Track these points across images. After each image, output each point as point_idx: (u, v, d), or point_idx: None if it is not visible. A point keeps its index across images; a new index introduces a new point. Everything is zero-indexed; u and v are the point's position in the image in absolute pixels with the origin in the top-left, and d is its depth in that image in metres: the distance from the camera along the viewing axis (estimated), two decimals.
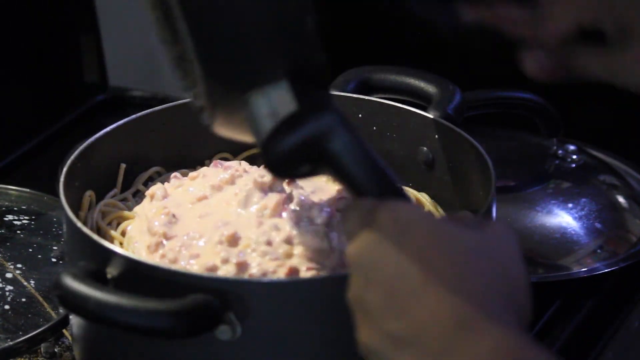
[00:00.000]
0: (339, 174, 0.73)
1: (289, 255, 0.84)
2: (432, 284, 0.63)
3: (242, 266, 0.84)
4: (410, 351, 0.63)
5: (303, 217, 0.87)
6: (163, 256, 0.86)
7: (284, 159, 0.73)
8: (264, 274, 0.83)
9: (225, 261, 0.84)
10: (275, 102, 0.74)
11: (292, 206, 0.89)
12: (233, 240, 0.86)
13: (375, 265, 0.65)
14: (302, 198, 0.90)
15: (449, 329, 0.62)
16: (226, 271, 0.83)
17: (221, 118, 0.78)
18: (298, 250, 0.85)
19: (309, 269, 0.83)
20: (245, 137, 0.80)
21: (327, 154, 0.72)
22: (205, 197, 0.93)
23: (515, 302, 0.65)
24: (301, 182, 0.93)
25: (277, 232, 0.86)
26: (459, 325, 0.61)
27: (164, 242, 0.88)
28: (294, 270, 0.83)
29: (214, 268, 0.84)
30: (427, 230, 0.66)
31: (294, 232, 0.86)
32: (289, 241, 0.85)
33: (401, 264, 0.64)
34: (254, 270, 0.83)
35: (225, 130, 0.80)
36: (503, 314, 0.63)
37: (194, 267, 0.84)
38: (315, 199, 0.92)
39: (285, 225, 0.87)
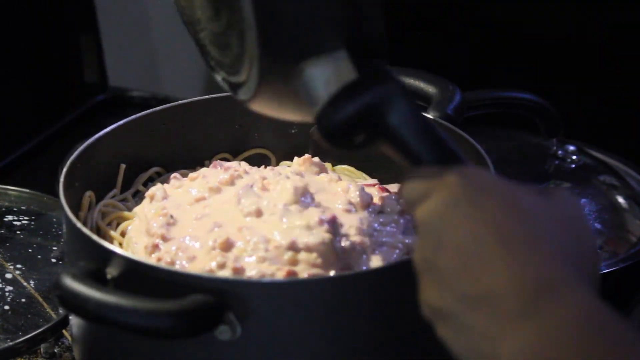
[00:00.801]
0: (397, 145, 0.72)
1: (293, 262, 0.84)
2: (510, 248, 0.62)
3: (238, 271, 0.83)
4: (486, 311, 0.62)
5: (306, 222, 0.87)
6: (159, 259, 0.86)
7: (342, 127, 0.72)
8: (262, 277, 0.83)
9: (222, 266, 0.84)
10: (334, 70, 0.73)
11: (294, 209, 0.88)
12: (227, 246, 0.85)
13: (449, 227, 0.65)
14: (305, 200, 0.90)
15: (528, 292, 0.61)
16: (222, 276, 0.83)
17: (266, 91, 0.77)
18: (301, 256, 0.84)
19: (310, 275, 0.83)
20: (285, 113, 0.79)
21: (385, 123, 0.72)
22: (203, 198, 0.93)
23: (587, 267, 0.65)
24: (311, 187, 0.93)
25: (280, 238, 0.85)
26: (540, 289, 0.61)
27: (161, 244, 0.87)
28: (292, 274, 0.83)
29: (210, 272, 0.83)
30: (501, 195, 0.65)
31: (298, 238, 0.85)
32: (292, 247, 0.85)
33: (477, 227, 0.64)
34: (252, 273, 0.83)
35: (265, 105, 0.79)
36: (578, 278, 0.63)
37: (190, 271, 0.84)
38: (320, 198, 0.91)
39: (288, 230, 0.86)
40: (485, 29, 1.37)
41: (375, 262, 0.86)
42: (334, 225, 0.86)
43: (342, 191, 0.94)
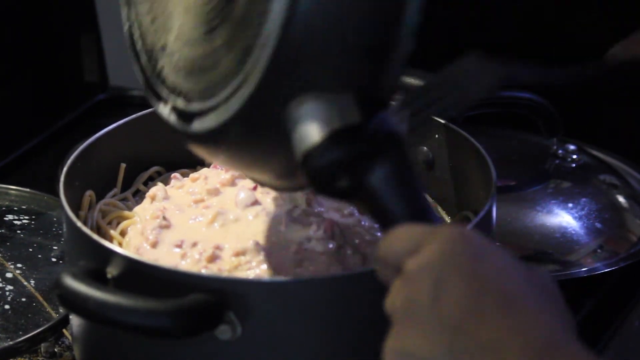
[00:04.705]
0: (376, 201, 0.69)
1: (297, 267, 0.84)
2: (511, 307, 0.61)
3: None
4: None
5: (306, 233, 0.87)
6: None
7: (332, 168, 0.69)
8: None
9: None
10: (339, 109, 0.69)
11: (296, 218, 0.89)
12: (213, 258, 0.85)
13: (449, 279, 0.62)
14: (304, 208, 0.90)
15: (534, 349, 0.60)
16: None
17: (244, 119, 0.72)
18: (305, 263, 0.85)
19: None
20: (250, 151, 0.76)
21: (369, 178, 0.69)
22: (202, 201, 0.93)
23: (573, 332, 0.63)
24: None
25: (282, 244, 0.86)
26: (544, 347, 0.60)
27: (145, 251, 0.87)
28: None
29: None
30: (496, 255, 0.64)
31: (301, 245, 0.85)
32: (297, 253, 0.85)
33: (476, 283, 0.62)
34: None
35: (229, 138, 0.75)
36: (576, 340, 0.62)
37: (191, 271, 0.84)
38: (322, 200, 0.91)
39: (289, 238, 0.87)
40: (486, 28, 1.37)
41: None
42: (332, 231, 0.86)
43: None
